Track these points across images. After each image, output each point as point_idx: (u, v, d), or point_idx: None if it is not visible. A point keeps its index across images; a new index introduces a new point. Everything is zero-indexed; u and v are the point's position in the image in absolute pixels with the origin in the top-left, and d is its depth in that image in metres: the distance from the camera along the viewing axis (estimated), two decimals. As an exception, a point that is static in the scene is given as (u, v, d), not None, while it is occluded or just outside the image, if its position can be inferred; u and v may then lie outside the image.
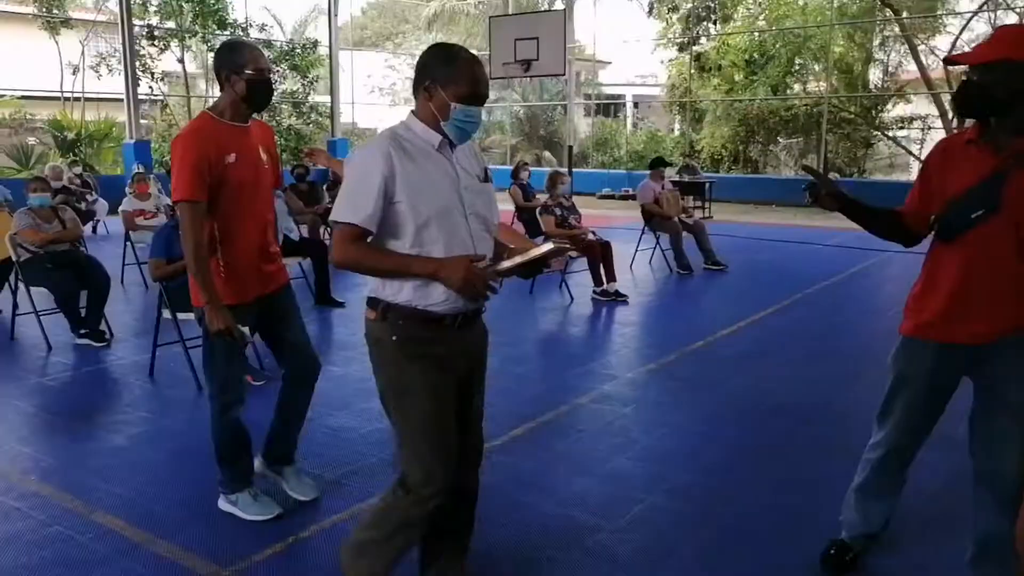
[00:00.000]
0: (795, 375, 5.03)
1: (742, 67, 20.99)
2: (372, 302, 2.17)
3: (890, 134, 20.63)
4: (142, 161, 12.77)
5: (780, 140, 21.88)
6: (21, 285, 5.64)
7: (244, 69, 2.79)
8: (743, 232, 12.46)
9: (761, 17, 21.67)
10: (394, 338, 2.12)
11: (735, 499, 3.28)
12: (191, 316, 4.73)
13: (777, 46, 20.26)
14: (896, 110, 21.01)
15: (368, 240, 2.07)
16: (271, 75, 2.91)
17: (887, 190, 17.23)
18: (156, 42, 16.66)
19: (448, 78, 2.06)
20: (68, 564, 2.73)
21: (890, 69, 21.31)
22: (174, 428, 4.08)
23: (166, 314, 4.77)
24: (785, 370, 5.16)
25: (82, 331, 5.57)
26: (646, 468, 3.57)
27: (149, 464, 3.60)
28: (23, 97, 19.25)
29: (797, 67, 20.94)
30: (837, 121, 20.02)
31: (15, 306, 5.81)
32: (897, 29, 19.64)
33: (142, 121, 15.85)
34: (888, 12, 19.25)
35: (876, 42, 20.62)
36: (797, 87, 21.60)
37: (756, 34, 21.23)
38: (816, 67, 20.79)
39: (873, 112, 20.66)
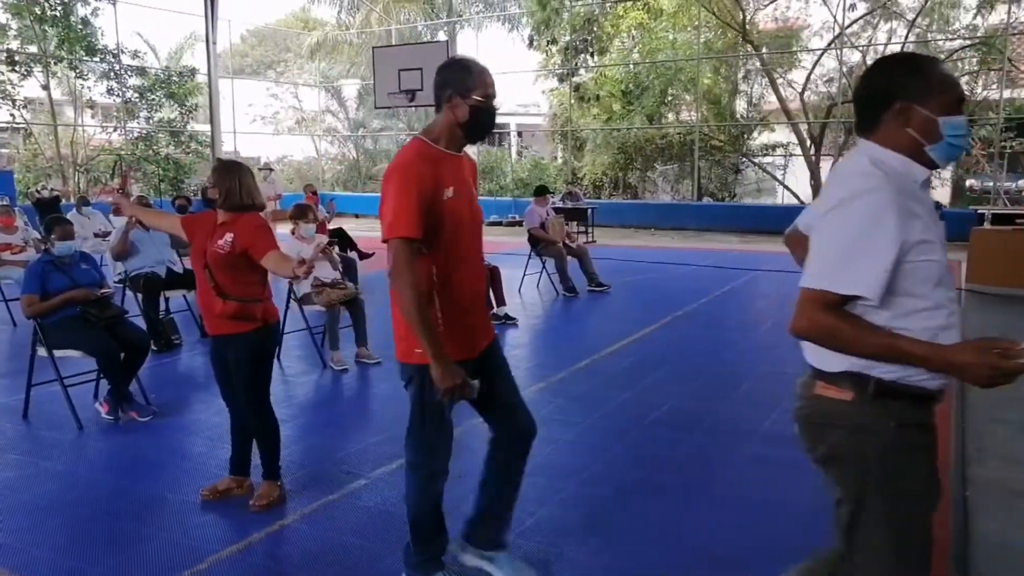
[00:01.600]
0: (676, 388, 5.33)
1: (619, 97, 21.96)
2: (851, 378, 1.71)
3: (756, 160, 22.05)
4: (5, 192, 12.08)
5: (657, 167, 22.99)
6: None
7: (472, 93, 2.40)
8: (624, 255, 12.99)
9: (635, 50, 22.77)
10: (893, 424, 1.70)
11: (621, 507, 3.48)
12: (69, 353, 4.56)
13: (651, 78, 21.39)
14: (761, 138, 22.53)
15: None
16: (496, 105, 2.51)
17: (756, 213, 18.38)
18: (17, 67, 15.81)
19: (924, 92, 1.68)
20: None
21: (754, 100, 22.91)
22: (54, 470, 3.91)
23: (41, 352, 4.56)
24: (666, 384, 5.46)
25: (-57, 374, 5.24)
26: (538, 482, 3.72)
27: (27, 508, 3.45)
28: None
29: (670, 98, 22.15)
30: (708, 148, 21.30)
31: None
32: (758, 63, 21.12)
33: (3, 150, 14.94)
34: (749, 48, 20.70)
35: (740, 75, 22.15)
36: (671, 116, 22.83)
37: (631, 66, 22.30)
38: (687, 97, 22.03)
39: (740, 140, 22.07)
